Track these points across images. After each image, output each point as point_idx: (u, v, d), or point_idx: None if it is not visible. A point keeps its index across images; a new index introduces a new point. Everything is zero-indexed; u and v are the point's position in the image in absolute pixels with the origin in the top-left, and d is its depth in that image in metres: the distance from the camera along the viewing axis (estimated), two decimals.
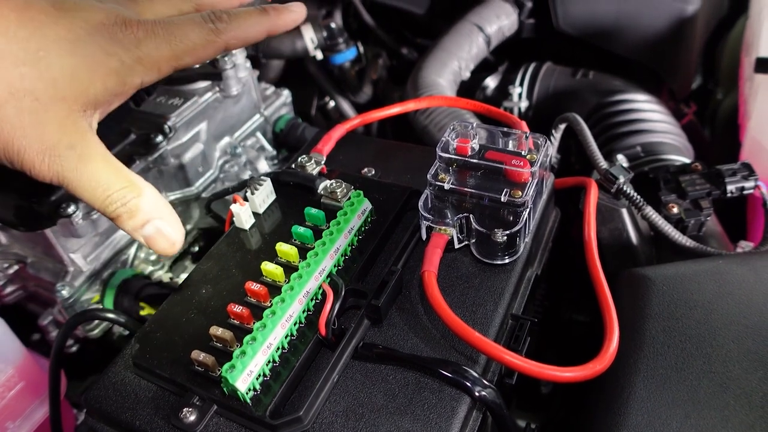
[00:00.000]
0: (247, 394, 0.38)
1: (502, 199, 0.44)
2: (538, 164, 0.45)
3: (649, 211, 0.56)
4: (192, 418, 0.39)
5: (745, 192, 0.58)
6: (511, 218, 0.45)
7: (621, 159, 0.66)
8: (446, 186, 0.46)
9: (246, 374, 0.38)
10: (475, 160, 0.46)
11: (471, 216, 0.45)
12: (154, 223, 0.40)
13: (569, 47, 0.93)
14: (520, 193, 0.44)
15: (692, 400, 0.40)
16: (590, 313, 0.63)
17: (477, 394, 0.38)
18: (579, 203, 0.56)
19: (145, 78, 0.41)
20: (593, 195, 0.54)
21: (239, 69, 0.70)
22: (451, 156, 0.47)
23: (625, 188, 0.57)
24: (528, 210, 0.44)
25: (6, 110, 0.36)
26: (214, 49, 0.44)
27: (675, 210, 0.59)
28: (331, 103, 1.10)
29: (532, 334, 0.45)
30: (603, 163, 0.58)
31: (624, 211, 0.60)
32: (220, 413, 0.39)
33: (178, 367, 0.40)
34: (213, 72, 0.69)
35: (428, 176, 0.46)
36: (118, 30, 0.40)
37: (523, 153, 0.47)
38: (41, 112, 0.37)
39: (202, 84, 0.69)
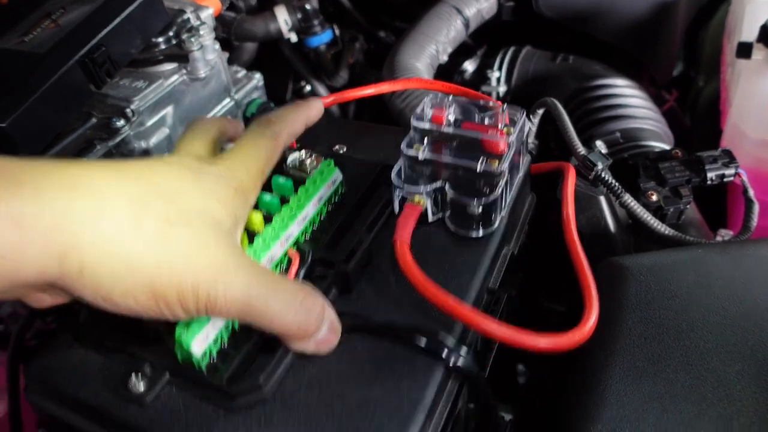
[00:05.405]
0: (202, 360, 0.36)
1: (478, 169, 0.42)
2: (515, 135, 0.44)
3: (628, 198, 0.55)
4: (142, 387, 0.36)
5: (726, 179, 0.57)
6: (488, 189, 0.43)
7: (600, 145, 0.64)
8: (420, 156, 0.44)
9: (202, 336, 0.35)
10: (450, 131, 0.45)
11: (446, 186, 0.43)
12: (328, 321, 0.37)
13: (549, 31, 0.92)
14: (496, 162, 0.42)
15: (669, 393, 0.39)
16: (567, 302, 0.62)
17: (451, 362, 0.37)
18: (556, 192, 0.54)
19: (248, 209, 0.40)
20: (571, 178, 0.52)
21: (207, 51, 0.67)
22: (425, 126, 0.45)
23: (603, 175, 0.55)
24: (504, 180, 0.43)
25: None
26: (278, 154, 0.42)
27: (654, 198, 0.57)
28: (307, 88, 1.08)
29: (510, 313, 0.43)
30: (581, 150, 0.57)
31: (602, 199, 0.59)
32: (172, 382, 0.37)
33: (128, 334, 0.38)
34: (179, 54, 0.66)
35: (402, 146, 0.45)
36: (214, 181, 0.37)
37: (500, 126, 0.45)
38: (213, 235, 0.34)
39: (168, 66, 0.66)
